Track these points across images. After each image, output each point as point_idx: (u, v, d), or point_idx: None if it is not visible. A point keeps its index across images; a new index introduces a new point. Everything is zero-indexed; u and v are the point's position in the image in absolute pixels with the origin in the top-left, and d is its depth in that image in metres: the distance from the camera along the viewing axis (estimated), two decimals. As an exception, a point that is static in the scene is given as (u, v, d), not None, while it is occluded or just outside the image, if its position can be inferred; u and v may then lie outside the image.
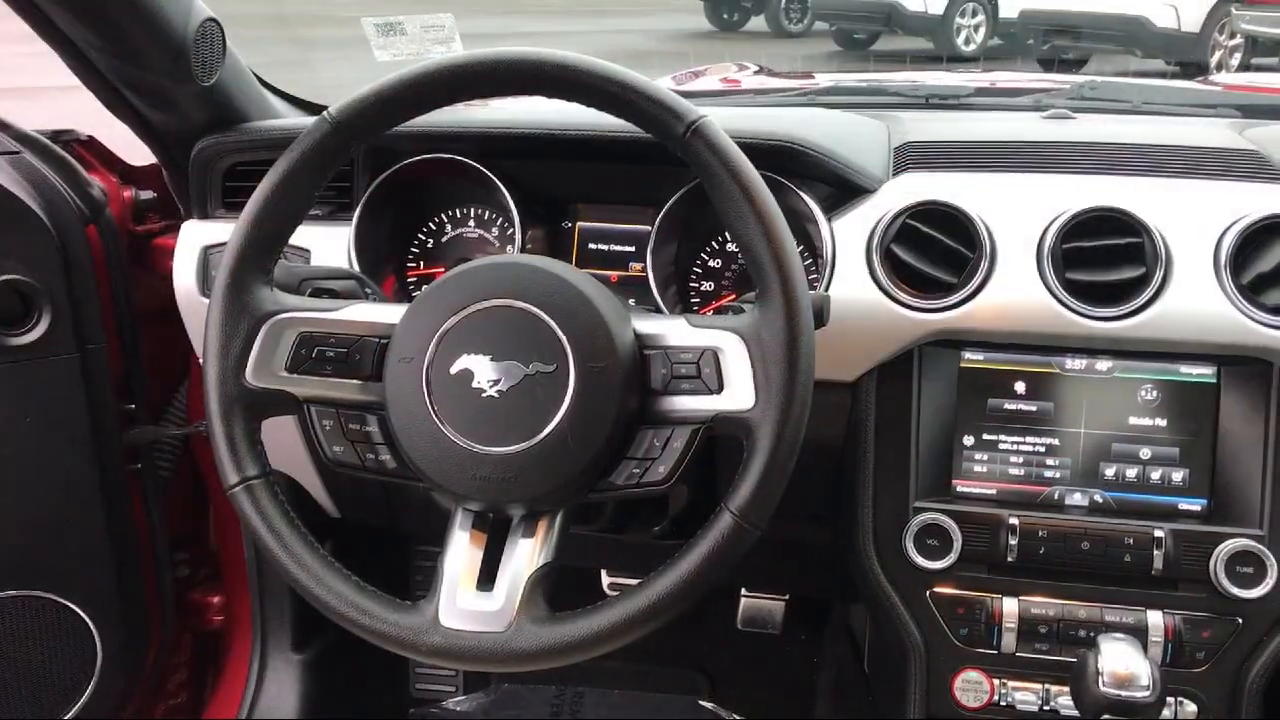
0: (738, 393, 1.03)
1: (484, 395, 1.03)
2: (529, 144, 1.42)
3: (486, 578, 1.04)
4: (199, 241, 1.49)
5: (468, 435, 1.03)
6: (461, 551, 1.05)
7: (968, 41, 12.47)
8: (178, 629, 1.81)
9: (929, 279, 1.28)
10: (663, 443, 1.04)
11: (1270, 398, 1.24)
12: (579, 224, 1.47)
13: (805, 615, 1.97)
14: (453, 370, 1.04)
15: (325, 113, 1.08)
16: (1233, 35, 10.08)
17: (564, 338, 1.03)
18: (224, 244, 1.11)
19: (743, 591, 1.89)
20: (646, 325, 1.08)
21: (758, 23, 15.35)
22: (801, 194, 1.32)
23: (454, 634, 1.01)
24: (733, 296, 1.42)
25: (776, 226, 1.03)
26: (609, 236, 1.46)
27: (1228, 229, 1.25)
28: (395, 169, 1.41)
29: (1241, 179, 1.32)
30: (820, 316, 1.09)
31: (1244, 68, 10.03)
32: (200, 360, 1.13)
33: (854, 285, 1.29)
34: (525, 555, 1.04)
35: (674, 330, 1.07)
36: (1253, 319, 1.22)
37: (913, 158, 1.40)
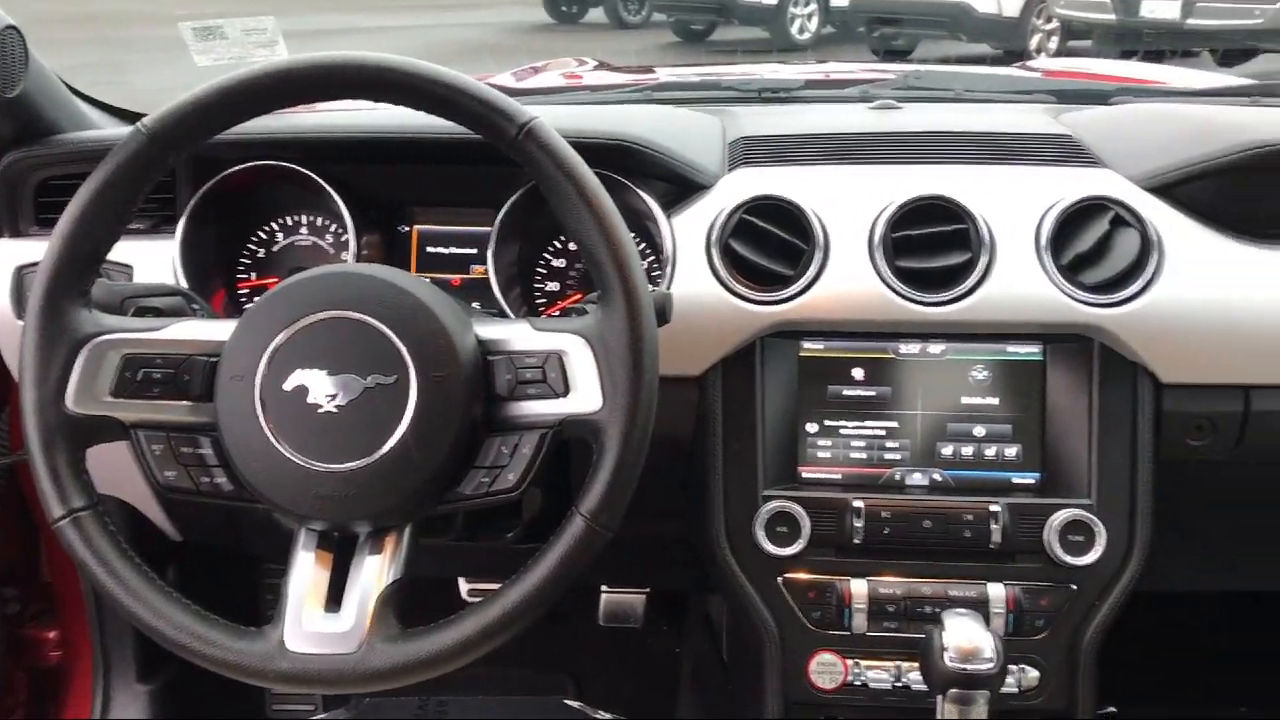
0: (584, 395, 1.03)
1: (321, 411, 1.00)
2: (359, 148, 1.39)
3: (334, 598, 1.01)
4: (12, 261, 1.41)
5: (306, 453, 1.00)
6: (306, 572, 1.02)
7: (801, 30, 12.74)
8: (10, 668, 1.71)
9: (767, 272, 1.30)
10: (510, 450, 1.03)
11: (1092, 372, 1.29)
12: (416, 227, 1.45)
13: (666, 607, 1.98)
14: (287, 386, 1.01)
15: (140, 124, 1.03)
16: (1050, 20, 10.55)
17: (403, 347, 1.01)
18: (38, 263, 1.05)
19: (602, 588, 1.90)
20: (489, 330, 1.07)
21: (597, 15, 15.37)
22: (640, 192, 1.32)
23: (302, 658, 0.98)
24: (579, 296, 1.42)
25: (614, 227, 1.03)
26: (448, 239, 1.44)
27: (1046, 212, 1.30)
28: (219, 179, 1.36)
29: (1058, 163, 1.37)
30: (663, 314, 1.09)
31: (1061, 51, 10.51)
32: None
33: (695, 281, 1.30)
34: (373, 572, 1.02)
35: (517, 334, 1.06)
36: (1073, 298, 1.27)
37: (747, 153, 1.42)
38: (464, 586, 1.76)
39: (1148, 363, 1.28)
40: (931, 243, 1.29)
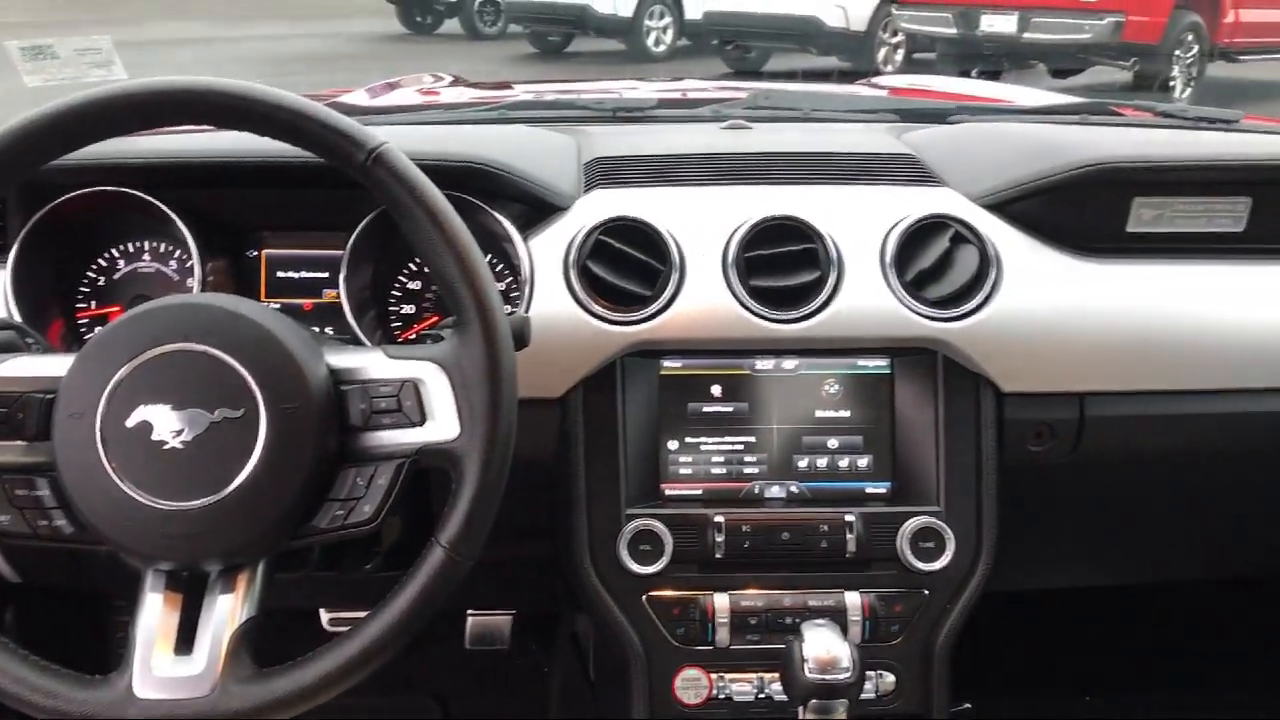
0: (441, 423, 1.02)
1: (166, 447, 0.97)
2: (203, 172, 1.35)
3: (184, 640, 0.98)
4: None
5: (151, 492, 0.97)
6: (154, 615, 0.99)
7: (657, 43, 12.88)
8: None
9: (625, 293, 1.31)
10: (366, 481, 1.01)
11: (937, 384, 1.34)
12: (265, 251, 1.41)
13: (534, 628, 1.98)
14: (129, 423, 0.97)
15: None
16: (895, 34, 10.90)
17: (251, 380, 0.99)
18: None
19: (469, 611, 1.88)
20: (341, 359, 1.05)
21: (452, 25, 15.25)
22: (495, 214, 1.32)
23: (152, 705, 0.95)
24: (436, 319, 1.40)
25: (468, 252, 1.02)
26: (299, 263, 1.41)
27: (890, 231, 1.34)
28: (51, 207, 1.30)
29: (900, 183, 1.42)
30: (521, 338, 1.09)
31: (907, 62, 10.87)
32: None
33: (554, 303, 1.30)
34: (225, 612, 0.99)
35: (371, 362, 1.05)
36: (917, 313, 1.32)
37: (602, 173, 1.43)
38: (326, 617, 1.72)
39: (988, 373, 1.33)
40: (782, 262, 1.32)
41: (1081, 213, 1.37)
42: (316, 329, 1.37)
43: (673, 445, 1.34)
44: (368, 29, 15.13)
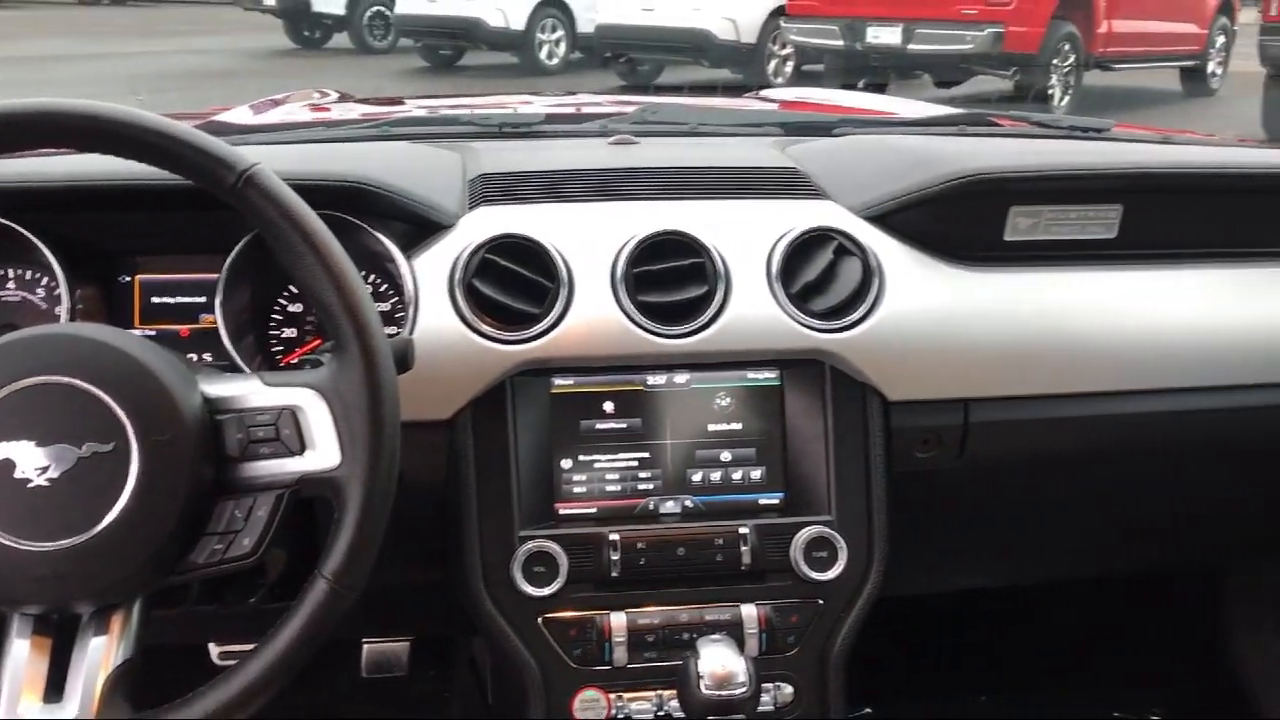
0: (322, 452, 0.99)
1: (31, 486, 0.93)
2: (69, 197, 1.30)
3: (54, 687, 0.94)
4: None
5: (15, 533, 0.92)
6: (21, 661, 0.94)
7: (550, 56, 12.90)
8: None
9: (513, 311, 1.29)
10: (245, 513, 0.98)
11: (826, 394, 1.35)
12: (139, 277, 1.36)
13: (431, 653, 1.94)
14: None
15: None
16: (785, 46, 11.09)
17: (120, 412, 0.95)
18: None
19: (363, 640, 1.84)
20: (216, 388, 1.02)
21: (341, 39, 15.06)
22: (376, 234, 1.30)
23: None
24: (318, 342, 1.37)
25: (344, 274, 1.00)
26: (174, 288, 1.36)
27: (775, 244, 1.35)
28: None
29: (785, 196, 1.43)
30: (404, 361, 1.07)
31: (797, 74, 11.05)
32: None
33: (440, 323, 1.28)
34: (99, 654, 0.95)
35: (248, 390, 1.02)
36: (803, 325, 1.33)
37: (488, 190, 1.41)
38: (215, 651, 1.67)
39: (875, 382, 1.35)
40: (670, 277, 1.32)
41: (960, 223, 1.40)
42: (194, 356, 1.33)
43: (566, 464, 1.33)
44: (255, 45, 14.87)
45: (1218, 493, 1.66)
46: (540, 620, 1.31)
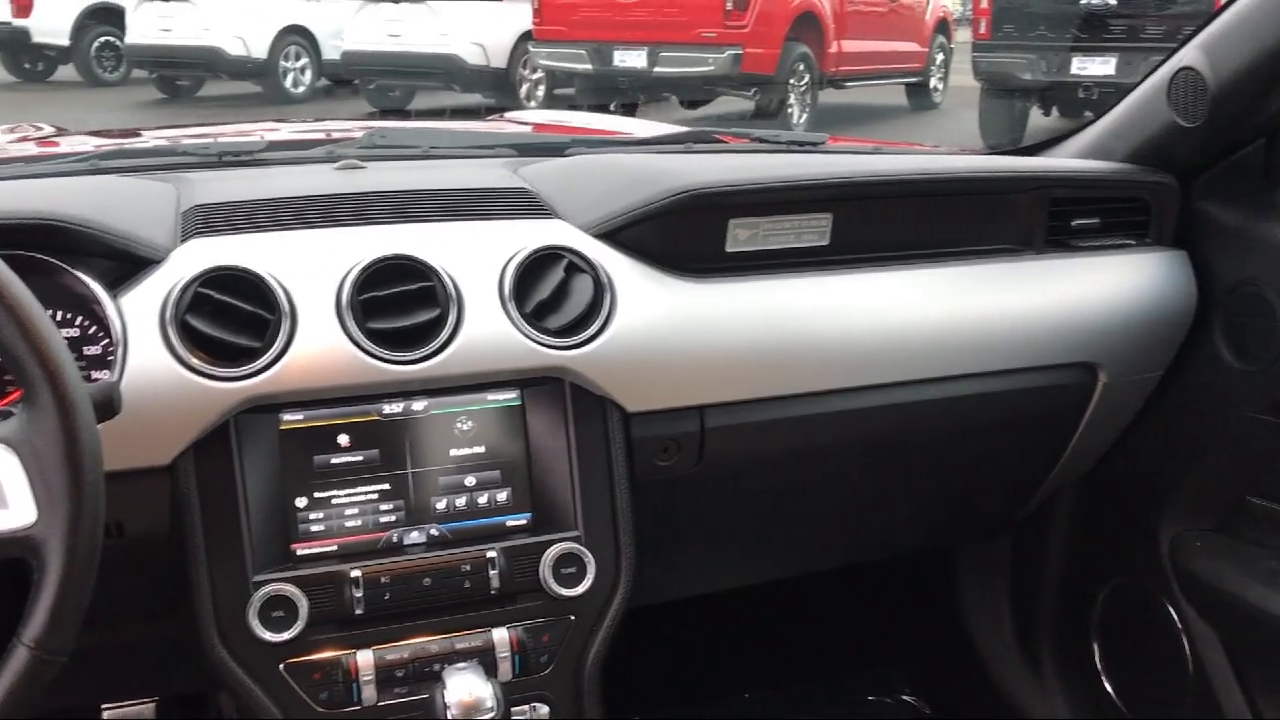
0: (15, 510, 0.92)
1: None
2: None
3: None
4: None
5: None
6: None
7: (296, 84, 12.57)
8: None
9: (232, 347, 1.24)
10: None
11: (566, 411, 1.36)
12: None
13: (180, 712, 1.84)
14: None
15: None
16: (535, 70, 11.18)
17: None
18: None
19: (102, 706, 1.72)
20: None
21: (69, 71, 14.18)
22: (77, 273, 1.21)
23: None
24: (17, 394, 1.27)
25: (29, 318, 0.93)
26: None
27: (507, 264, 1.35)
28: None
29: (515, 217, 1.43)
30: (109, 407, 1.01)
31: (549, 97, 11.16)
32: None
33: (152, 364, 1.21)
34: None
35: None
36: (539, 343, 1.33)
37: (202, 221, 1.35)
38: None
39: (613, 395, 1.37)
40: (399, 302, 1.30)
41: (684, 236, 1.43)
42: None
43: (301, 502, 1.28)
44: (-31, 78, 13.81)
45: (945, 477, 1.77)
46: (282, 667, 1.25)
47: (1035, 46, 9.04)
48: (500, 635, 1.32)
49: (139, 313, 1.23)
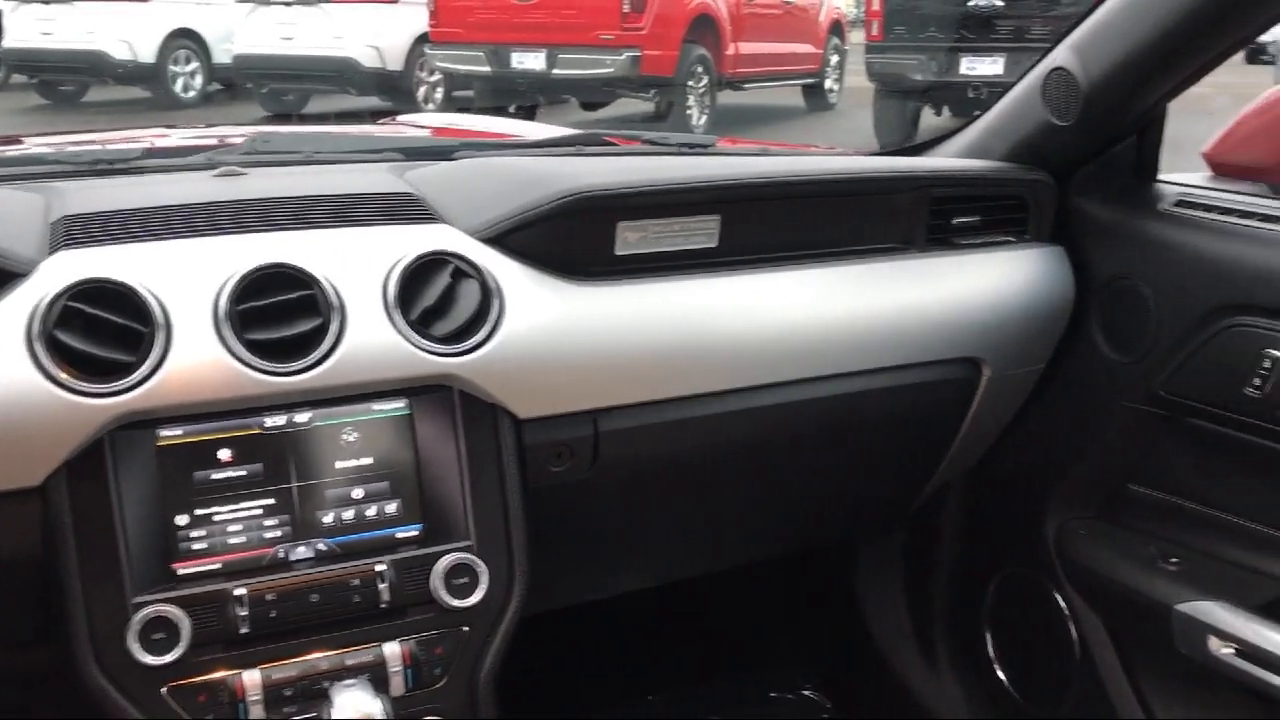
0: None
1: None
2: None
3: None
4: None
5: None
6: None
7: (186, 89, 12.27)
8: None
9: (104, 362, 1.20)
10: None
11: (456, 419, 1.34)
12: None
13: None
14: None
15: None
16: (433, 72, 11.07)
17: None
18: None
19: None
20: None
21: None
22: None
23: None
24: None
25: None
26: None
27: (391, 271, 1.33)
28: None
29: (400, 222, 1.41)
30: None
31: (448, 99, 11.08)
32: None
33: (18, 381, 1.17)
34: None
35: None
36: (426, 350, 1.31)
37: (72, 232, 1.30)
38: None
39: (503, 402, 1.35)
40: (280, 311, 1.27)
41: (572, 240, 1.43)
42: None
43: (182, 520, 1.24)
44: None
45: (838, 473, 1.79)
46: (165, 690, 1.22)
47: (925, 47, 9.25)
48: (392, 649, 1.29)
49: (3, 328, 1.18)
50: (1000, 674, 1.97)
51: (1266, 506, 1.55)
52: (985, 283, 1.67)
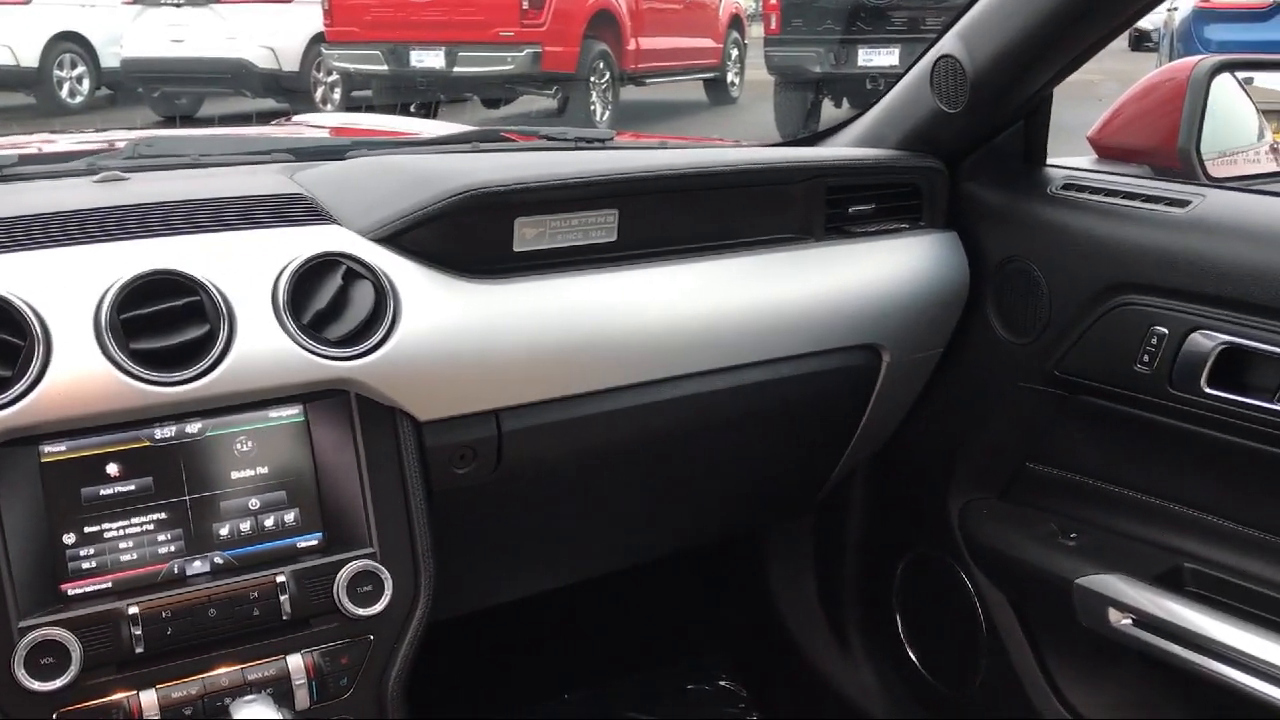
0: None
1: None
2: None
3: None
4: None
5: None
6: None
7: (72, 94, 11.89)
8: None
9: None
10: None
11: (354, 424, 1.31)
12: None
13: None
14: None
15: None
16: (330, 73, 10.89)
17: None
18: None
19: None
20: None
21: None
22: None
23: None
24: None
25: None
26: None
27: (280, 274, 1.29)
28: None
29: (289, 224, 1.37)
30: None
31: (346, 99, 10.91)
32: None
33: None
34: None
35: None
36: (320, 355, 1.28)
37: None
38: None
39: (402, 404, 1.33)
40: (166, 319, 1.23)
41: (469, 237, 1.40)
42: None
43: (70, 539, 1.20)
44: None
45: (744, 463, 1.80)
46: (56, 717, 1.17)
47: (823, 40, 9.36)
48: (295, 662, 1.26)
49: None
50: (911, 654, 2.00)
51: (1159, 480, 1.59)
52: (882, 270, 1.69)
